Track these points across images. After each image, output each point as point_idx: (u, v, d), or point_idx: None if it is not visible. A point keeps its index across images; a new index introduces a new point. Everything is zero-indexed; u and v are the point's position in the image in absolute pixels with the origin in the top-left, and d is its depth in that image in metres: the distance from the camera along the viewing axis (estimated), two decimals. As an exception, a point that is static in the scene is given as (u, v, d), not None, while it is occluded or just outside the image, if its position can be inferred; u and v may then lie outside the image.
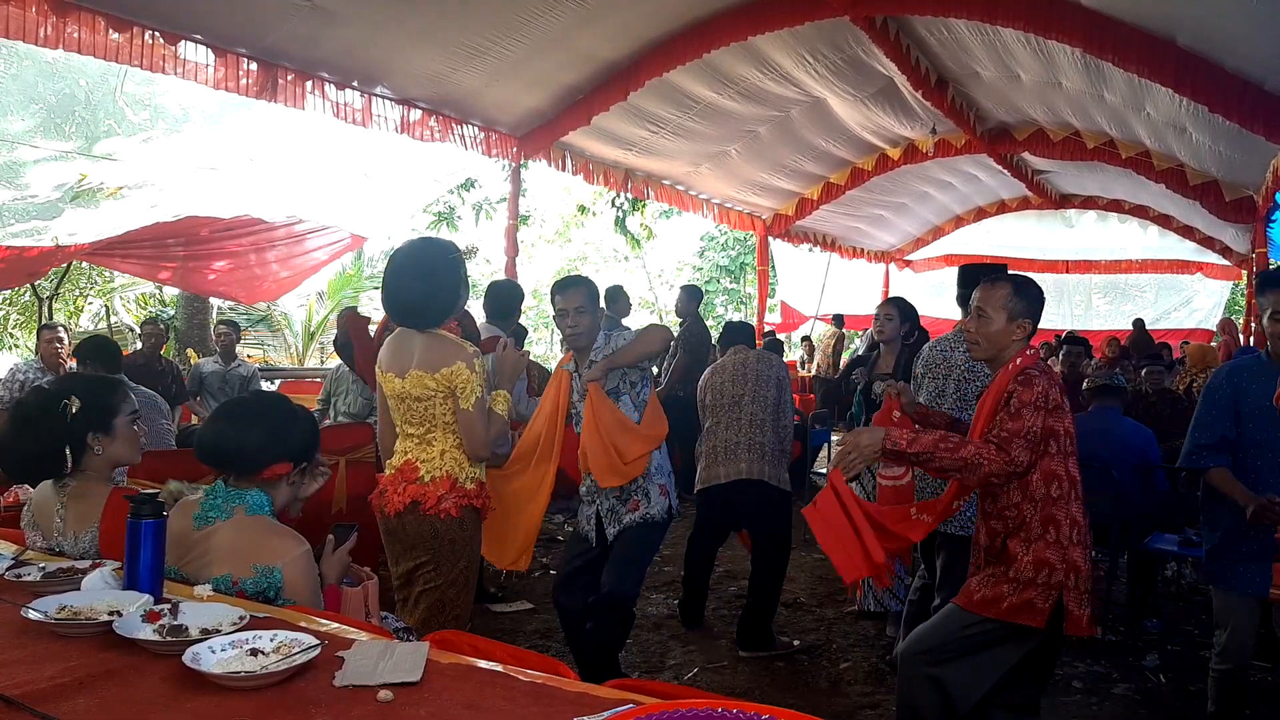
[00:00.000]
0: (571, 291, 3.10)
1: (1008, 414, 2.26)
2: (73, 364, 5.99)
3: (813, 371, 11.73)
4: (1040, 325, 2.45)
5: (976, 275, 3.60)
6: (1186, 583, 5.27)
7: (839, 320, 11.86)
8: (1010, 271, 2.53)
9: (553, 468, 3.12)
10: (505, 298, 4.60)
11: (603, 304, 6.86)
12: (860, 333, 12.58)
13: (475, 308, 4.41)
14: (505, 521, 3.07)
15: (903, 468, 2.71)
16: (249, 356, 12.19)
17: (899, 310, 4.36)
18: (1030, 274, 2.55)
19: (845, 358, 14.17)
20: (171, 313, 11.55)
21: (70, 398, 2.02)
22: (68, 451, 2.03)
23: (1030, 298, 2.40)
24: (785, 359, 11.14)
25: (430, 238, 2.77)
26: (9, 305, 13.23)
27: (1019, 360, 2.37)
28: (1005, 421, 2.25)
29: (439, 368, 2.54)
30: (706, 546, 4.25)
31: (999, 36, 5.65)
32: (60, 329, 5.65)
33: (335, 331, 15.16)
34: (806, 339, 12.79)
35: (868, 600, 4.47)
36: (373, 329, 3.99)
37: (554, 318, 3.15)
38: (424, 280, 2.57)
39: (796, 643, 4.09)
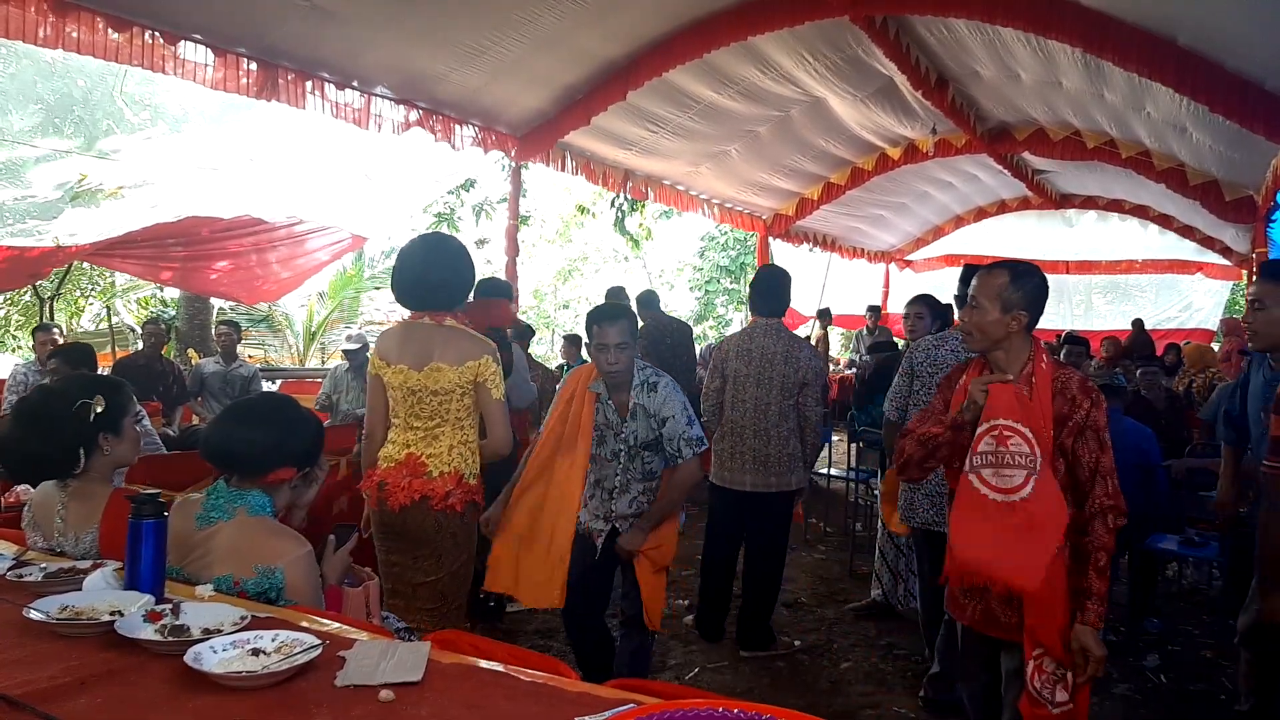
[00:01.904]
0: (613, 326, 2.90)
1: (1100, 447, 2.13)
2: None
3: None
4: (1041, 325, 2.35)
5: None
6: (1187, 583, 5.28)
7: (825, 315, 11.49)
8: (1012, 260, 2.32)
9: (579, 490, 3.04)
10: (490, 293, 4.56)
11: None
12: (859, 331, 12.42)
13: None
14: (541, 555, 2.99)
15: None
16: (250, 357, 12.19)
17: (929, 308, 4.22)
18: None
19: (844, 356, 14.10)
20: (172, 313, 11.55)
21: (95, 398, 2.02)
22: (81, 452, 2.03)
23: (1028, 288, 2.22)
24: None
25: (438, 231, 2.87)
26: (10, 306, 13.24)
27: (1044, 363, 2.20)
28: (1100, 458, 2.13)
29: (464, 360, 2.58)
30: (725, 548, 4.12)
31: (999, 36, 5.64)
32: (55, 330, 5.66)
33: (334, 331, 15.04)
34: (806, 339, 12.75)
35: (877, 594, 4.47)
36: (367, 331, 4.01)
37: (591, 347, 2.97)
38: (442, 260, 2.66)
39: (797, 643, 4.09)
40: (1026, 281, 2.23)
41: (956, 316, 3.63)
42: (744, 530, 4.09)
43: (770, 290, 4.03)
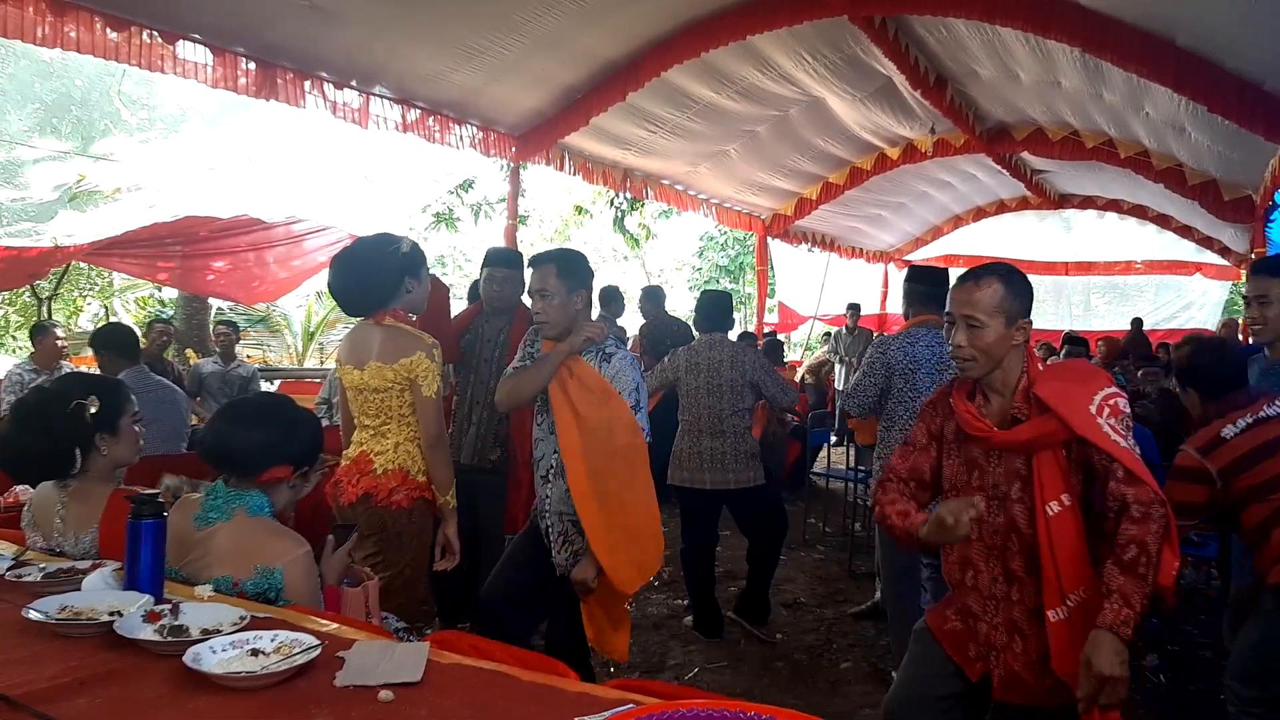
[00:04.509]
0: (539, 270, 2.64)
1: (1116, 443, 1.82)
2: (70, 364, 5.97)
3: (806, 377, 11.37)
4: (1040, 326, 2.24)
5: (927, 276, 3.68)
6: (1186, 583, 5.28)
7: (854, 311, 10.84)
8: (992, 263, 2.06)
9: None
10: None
11: (599, 304, 6.86)
12: (838, 330, 12.14)
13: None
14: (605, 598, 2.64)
15: None
16: (248, 357, 12.19)
17: None
18: (1030, 275, 2.21)
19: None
20: (170, 313, 11.54)
21: (90, 397, 2.03)
22: (77, 452, 2.03)
23: (1024, 291, 1.98)
24: (787, 359, 11.05)
25: (377, 234, 2.81)
26: (8, 306, 13.23)
27: (1039, 370, 1.97)
28: (1126, 459, 1.82)
29: (398, 358, 2.60)
30: (698, 546, 4.23)
31: (998, 36, 5.64)
32: (57, 328, 5.64)
33: (332, 331, 15.08)
34: (828, 335, 12.62)
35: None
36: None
37: None
38: (353, 266, 2.68)
39: (779, 636, 4.19)
40: (1020, 283, 1.99)
41: (905, 314, 3.72)
42: (714, 529, 4.28)
43: (713, 311, 4.28)
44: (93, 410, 2.02)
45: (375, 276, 2.67)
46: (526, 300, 3.22)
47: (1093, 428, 1.84)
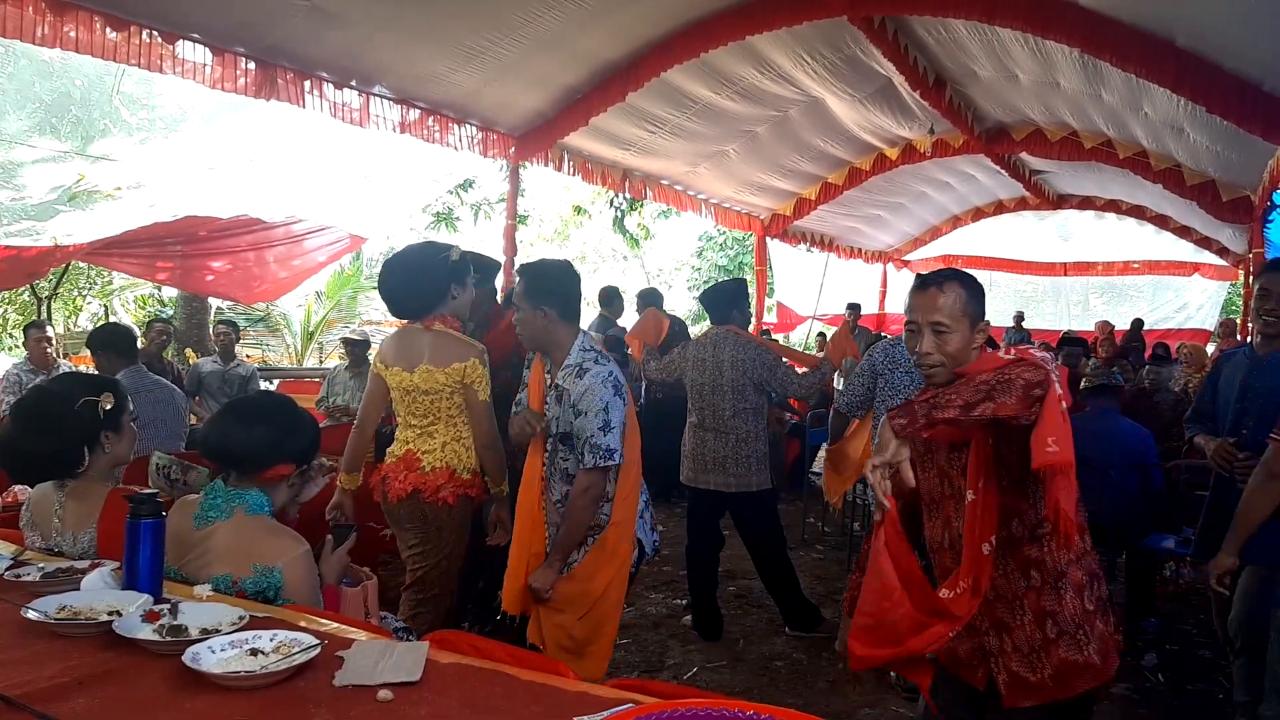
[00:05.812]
0: (517, 284, 2.73)
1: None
2: (67, 363, 5.97)
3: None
4: (1038, 326, 2.21)
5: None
6: (1185, 582, 5.28)
7: (854, 311, 10.91)
8: (944, 269, 2.08)
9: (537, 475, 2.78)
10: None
11: (599, 305, 6.86)
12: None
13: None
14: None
15: None
16: (248, 356, 12.18)
17: None
18: (1029, 275, 2.14)
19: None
20: (170, 312, 11.54)
21: (103, 395, 2.05)
22: (85, 450, 2.04)
23: (981, 293, 1.99)
24: (786, 360, 11.03)
25: (425, 241, 2.96)
26: (8, 305, 13.23)
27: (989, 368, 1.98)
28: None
29: (450, 363, 2.72)
30: (702, 544, 4.24)
31: (997, 36, 5.65)
32: (47, 327, 5.64)
33: (331, 331, 15.04)
34: (822, 335, 12.67)
35: None
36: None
37: None
38: (404, 273, 2.82)
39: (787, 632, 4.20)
40: (976, 285, 2.00)
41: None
42: (718, 531, 4.28)
43: (716, 303, 4.27)
44: (106, 407, 2.04)
45: (424, 283, 2.79)
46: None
47: (994, 360, 1.81)
